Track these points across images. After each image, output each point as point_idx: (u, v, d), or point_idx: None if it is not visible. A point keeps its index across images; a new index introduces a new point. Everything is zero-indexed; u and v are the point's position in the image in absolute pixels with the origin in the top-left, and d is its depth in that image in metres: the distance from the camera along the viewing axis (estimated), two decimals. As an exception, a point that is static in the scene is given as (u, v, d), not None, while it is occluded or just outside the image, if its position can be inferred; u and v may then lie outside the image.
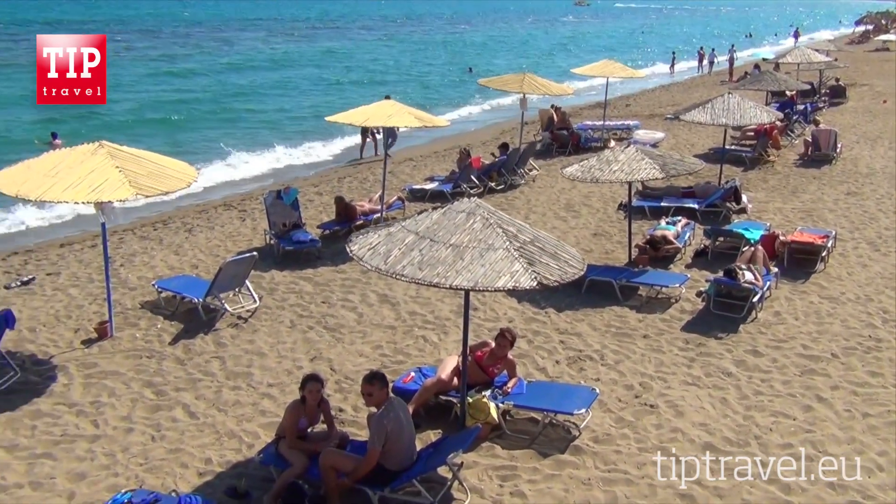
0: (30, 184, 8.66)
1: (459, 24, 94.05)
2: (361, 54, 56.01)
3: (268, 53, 52.51)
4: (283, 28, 74.07)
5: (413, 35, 75.76)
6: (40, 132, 22.93)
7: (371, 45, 63.68)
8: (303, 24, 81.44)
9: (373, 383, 6.68)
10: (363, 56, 54.87)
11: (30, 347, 9.80)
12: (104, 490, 6.96)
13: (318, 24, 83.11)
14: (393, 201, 15.81)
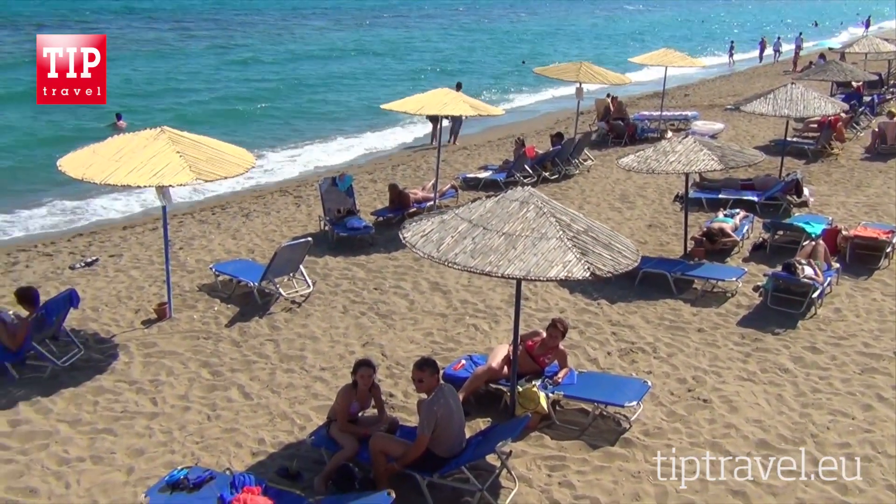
0: (95, 167, 8.90)
1: (520, 13, 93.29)
2: (420, 43, 55.98)
3: (330, 43, 52.81)
4: (345, 17, 74.31)
5: (472, 24, 75.41)
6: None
7: (430, 34, 63.60)
8: (367, 13, 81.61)
9: (423, 370, 6.73)
10: (422, 45, 54.82)
11: (93, 326, 10.11)
12: (161, 466, 7.15)
13: (380, 12, 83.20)
14: (446, 189, 15.83)
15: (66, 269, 12.44)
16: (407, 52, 50.39)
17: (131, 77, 34.83)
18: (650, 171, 11.66)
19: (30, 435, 7.65)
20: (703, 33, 72.11)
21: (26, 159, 20.49)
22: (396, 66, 43.67)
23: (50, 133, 22.60)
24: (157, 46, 46.14)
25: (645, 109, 26.76)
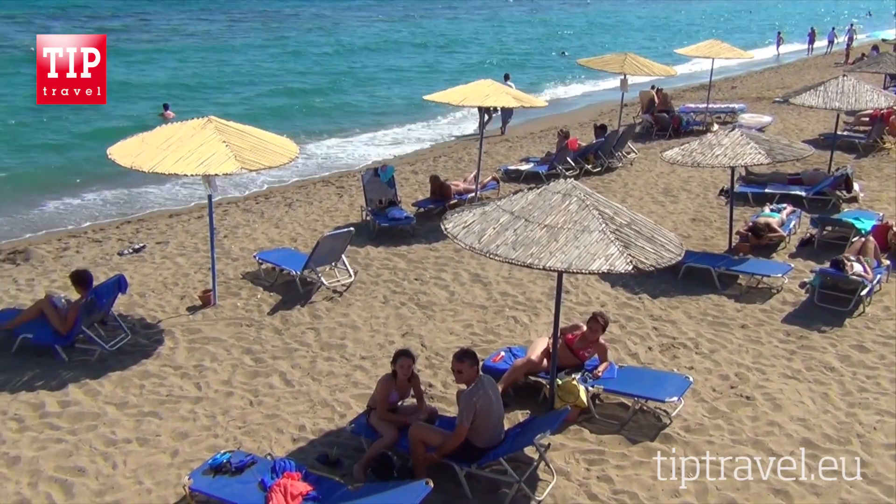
0: (143, 156, 9.08)
1: (574, 4, 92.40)
2: (468, 36, 55.82)
3: (377, 35, 52.93)
4: (395, 9, 74.26)
5: (522, 14, 74.92)
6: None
7: (478, 25, 63.41)
8: (417, 4, 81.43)
9: (463, 361, 6.74)
10: (469, 37, 54.65)
11: (140, 311, 10.33)
12: (205, 450, 7.29)
13: (431, 4, 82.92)
14: (487, 181, 15.81)
15: (114, 256, 12.72)
16: (453, 44, 50.27)
17: (180, 68, 35.38)
18: (695, 164, 11.50)
19: (79, 416, 7.86)
20: (751, 24, 70.72)
21: (76, 149, 20.93)
22: (442, 58, 43.63)
23: (98, 126, 23.01)
24: (206, 39, 46.71)
25: (690, 102, 26.40)
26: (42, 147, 21.14)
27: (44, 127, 22.37)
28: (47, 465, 7.03)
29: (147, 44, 42.44)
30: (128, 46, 40.32)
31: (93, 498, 6.64)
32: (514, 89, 16.73)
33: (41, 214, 15.98)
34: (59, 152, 20.78)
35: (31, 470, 6.98)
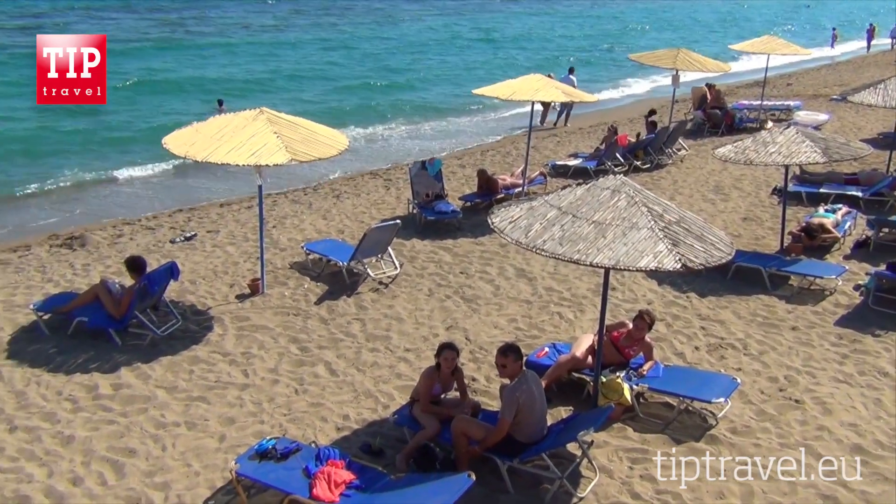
0: (197, 146, 9.25)
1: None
2: (519, 29, 55.50)
3: (430, 30, 52.96)
4: (448, 3, 73.97)
5: (580, 9, 74.23)
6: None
7: (529, 19, 63.03)
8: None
9: (507, 355, 6.74)
10: (520, 32, 54.33)
11: (190, 298, 10.54)
12: (251, 435, 7.42)
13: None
14: (535, 176, 15.75)
15: (166, 243, 13.00)
16: (506, 38, 50.04)
17: (233, 63, 35.87)
18: (748, 162, 11.29)
19: (130, 398, 8.06)
20: (809, 20, 69.00)
21: (132, 142, 21.39)
22: (493, 52, 43.48)
23: (158, 122, 23.47)
24: (259, 33, 47.20)
25: (744, 98, 25.87)
26: (102, 141, 21.67)
27: (104, 124, 22.84)
28: (100, 446, 7.24)
29: (202, 38, 43.09)
30: (185, 40, 41.01)
31: (143, 478, 6.81)
32: (576, 83, 16.68)
33: (97, 202, 16.41)
34: (116, 144, 21.28)
35: (84, 449, 7.18)
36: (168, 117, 23.34)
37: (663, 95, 27.61)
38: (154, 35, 41.95)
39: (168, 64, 33.28)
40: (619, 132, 18.49)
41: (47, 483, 6.71)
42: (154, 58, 34.70)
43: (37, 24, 42.66)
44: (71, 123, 22.41)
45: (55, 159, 19.23)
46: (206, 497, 6.58)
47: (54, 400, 8.00)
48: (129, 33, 41.65)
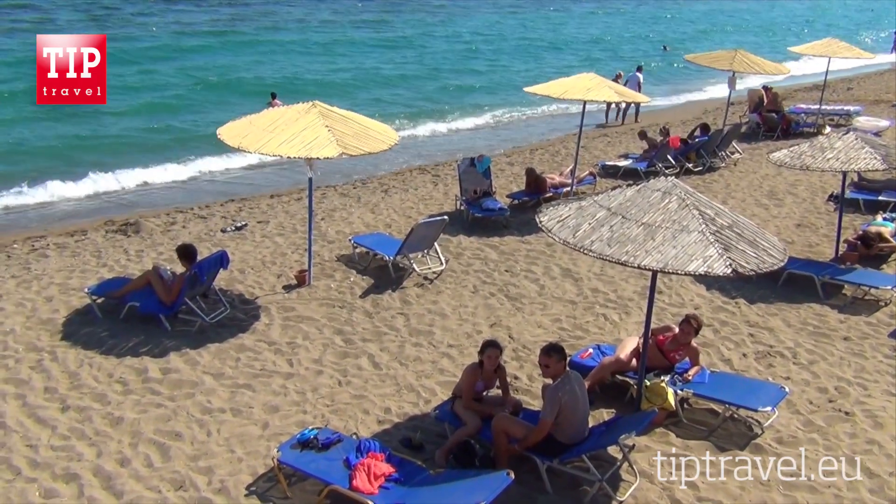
0: (250, 137, 9.40)
1: None
2: (570, 27, 55.11)
3: (480, 26, 52.88)
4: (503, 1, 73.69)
5: (627, 7, 73.35)
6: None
7: (580, 17, 62.52)
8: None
9: (551, 355, 6.71)
10: (571, 29, 53.96)
11: (239, 287, 10.71)
12: (294, 424, 7.52)
13: None
14: (584, 176, 15.63)
15: (217, 232, 13.23)
16: (557, 35, 49.70)
17: (291, 55, 36.29)
18: (804, 167, 11.03)
19: (178, 383, 8.23)
20: (870, 22, 67.02)
21: (185, 130, 21.82)
22: (544, 50, 43.22)
23: (217, 118, 23.86)
24: (315, 31, 47.63)
25: (802, 102, 25.31)
26: (162, 129, 22.17)
27: (163, 121, 23.32)
28: (147, 428, 7.41)
29: (253, 35, 43.65)
30: (240, 39, 41.58)
31: (187, 462, 6.95)
32: (642, 80, 16.44)
33: (152, 189, 16.78)
34: (172, 133, 21.74)
35: (132, 431, 7.36)
36: (225, 113, 23.72)
37: (718, 98, 27.18)
38: (217, 29, 42.58)
39: (229, 60, 33.68)
40: (672, 133, 18.23)
41: (96, 462, 6.89)
42: (217, 54, 35.29)
43: (94, 17, 43.75)
44: (132, 117, 23.01)
45: (116, 147, 19.74)
46: (248, 483, 6.68)
47: (105, 382, 8.21)
48: (200, 26, 42.43)
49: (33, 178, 16.53)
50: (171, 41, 36.83)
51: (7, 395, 7.86)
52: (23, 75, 25.04)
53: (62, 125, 21.34)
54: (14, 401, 7.79)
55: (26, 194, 15.82)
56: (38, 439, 7.18)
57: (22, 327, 9.31)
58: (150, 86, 27.48)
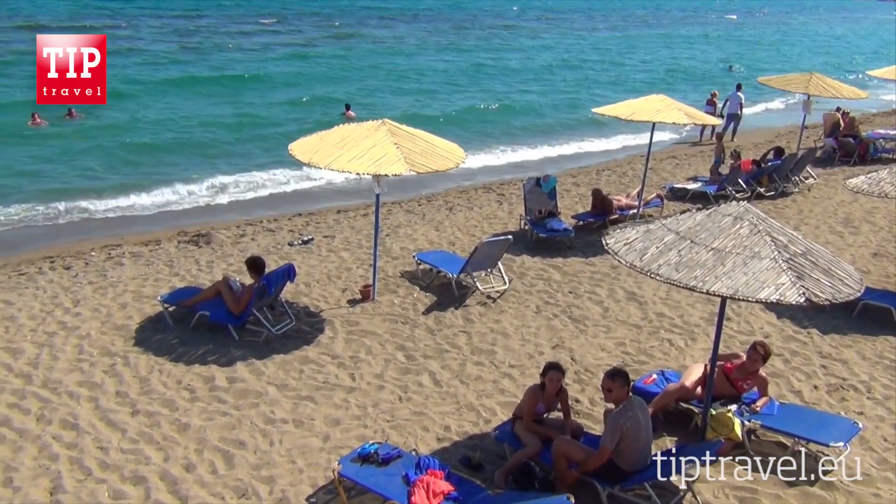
0: (321, 153, 9.57)
1: (733, 15, 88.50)
2: (637, 50, 54.75)
3: (547, 47, 53.03)
4: (564, 23, 73.73)
5: (694, 29, 72.54)
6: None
7: (644, 40, 62.04)
8: (586, 15, 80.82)
9: (614, 380, 6.62)
10: (636, 51, 53.58)
11: (304, 300, 10.88)
12: (354, 438, 7.58)
13: (596, 14, 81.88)
14: (651, 198, 15.43)
15: (285, 245, 13.48)
16: (624, 56, 49.42)
17: (366, 72, 36.93)
18: (882, 194, 10.67)
19: (243, 392, 8.40)
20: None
21: (255, 146, 22.36)
22: (614, 70, 42.99)
23: (287, 130, 24.40)
24: (390, 44, 48.39)
25: (881, 127, 24.50)
26: (233, 140, 22.81)
27: (237, 135, 23.94)
28: (213, 435, 7.57)
29: (325, 45, 44.56)
30: (315, 50, 42.53)
31: (250, 470, 7.07)
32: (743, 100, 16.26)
33: (224, 202, 17.21)
34: (241, 145, 22.30)
35: (198, 438, 7.53)
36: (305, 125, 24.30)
37: (790, 121, 26.57)
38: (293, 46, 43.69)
39: (325, 81, 34.35)
40: (743, 157, 17.86)
41: (163, 466, 7.08)
42: (298, 65, 36.25)
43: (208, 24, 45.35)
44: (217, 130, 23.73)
45: (194, 158, 20.42)
46: (308, 494, 6.77)
47: (174, 388, 8.43)
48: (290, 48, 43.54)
49: (115, 189, 17.22)
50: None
51: (81, 398, 8.15)
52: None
53: (141, 134, 22.19)
54: (87, 403, 8.07)
55: (107, 203, 16.41)
56: (108, 442, 7.42)
57: (97, 332, 9.65)
58: (232, 101, 28.32)
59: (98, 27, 43.20)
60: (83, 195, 16.77)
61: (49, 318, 10.00)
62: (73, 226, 15.24)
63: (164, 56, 36.86)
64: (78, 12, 53.78)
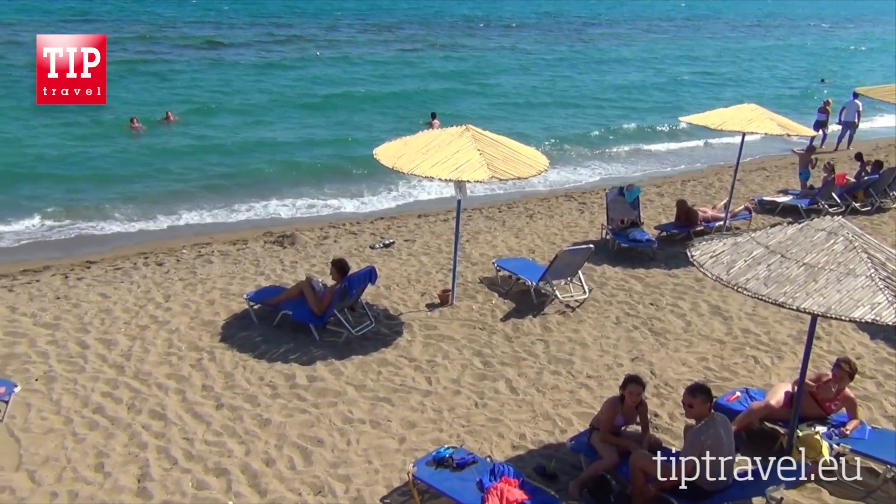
0: (405, 158, 9.69)
1: (824, 24, 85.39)
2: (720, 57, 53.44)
3: (644, 51, 52.36)
4: (637, 31, 72.62)
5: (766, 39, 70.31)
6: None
7: (724, 48, 60.45)
8: (657, 20, 79.44)
9: (696, 395, 6.46)
10: (717, 58, 52.28)
11: (384, 303, 11.02)
12: (429, 441, 7.64)
13: (668, 21, 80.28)
14: (739, 211, 15.02)
15: (366, 248, 13.69)
16: (715, 64, 48.28)
17: (448, 77, 37.22)
18: None
19: (323, 391, 8.56)
20: None
21: (345, 150, 22.77)
22: (703, 78, 42.04)
23: (373, 135, 24.76)
24: (458, 50, 48.60)
25: None
26: (327, 142, 23.32)
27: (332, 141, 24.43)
28: (292, 432, 7.75)
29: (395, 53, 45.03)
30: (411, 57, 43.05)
31: (327, 468, 7.20)
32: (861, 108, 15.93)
33: (308, 204, 17.59)
34: (333, 149, 22.77)
35: (278, 433, 7.72)
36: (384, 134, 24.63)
37: (890, 134, 25.45)
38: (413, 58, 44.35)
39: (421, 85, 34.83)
40: (837, 170, 17.19)
41: (244, 460, 7.28)
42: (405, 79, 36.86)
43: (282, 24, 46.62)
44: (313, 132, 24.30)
45: (283, 160, 20.98)
46: (382, 495, 6.85)
47: (257, 384, 8.67)
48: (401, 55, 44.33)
49: (204, 190, 17.87)
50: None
51: (169, 390, 8.46)
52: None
53: (226, 141, 22.92)
54: (175, 395, 8.37)
55: (203, 207, 17.00)
56: (193, 433, 7.68)
57: (186, 327, 10.00)
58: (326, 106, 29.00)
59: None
60: (175, 196, 17.42)
61: (142, 312, 10.43)
62: (165, 223, 15.83)
63: (255, 66, 37.94)
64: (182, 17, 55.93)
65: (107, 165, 19.63)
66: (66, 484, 6.86)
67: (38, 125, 22.53)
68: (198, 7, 64.11)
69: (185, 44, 42.23)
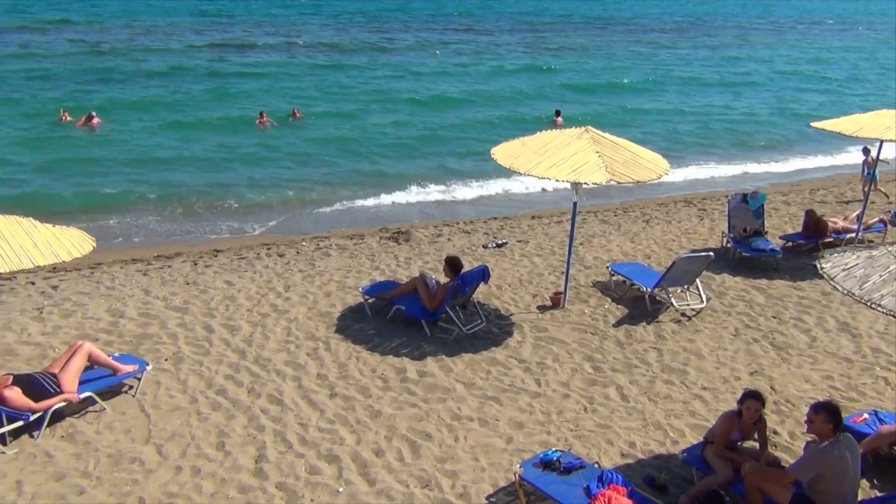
0: (522, 159, 9.68)
1: None
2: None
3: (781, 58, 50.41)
4: (709, 36, 69.51)
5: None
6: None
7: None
8: (716, 25, 75.79)
9: (818, 412, 6.15)
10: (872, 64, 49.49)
11: (495, 302, 11.05)
12: (537, 443, 7.60)
13: (718, 25, 76.37)
14: (874, 223, 14.17)
15: (479, 248, 13.76)
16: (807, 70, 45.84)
17: (573, 78, 36.97)
18: None
19: (432, 387, 8.67)
20: None
21: (464, 152, 22.98)
22: (817, 85, 39.98)
23: (492, 137, 24.84)
24: (596, 51, 48.07)
25: None
26: (436, 140, 23.65)
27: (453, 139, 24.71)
28: (401, 425, 7.89)
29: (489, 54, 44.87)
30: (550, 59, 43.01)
31: (434, 463, 7.29)
32: None
33: (424, 204, 17.87)
34: (442, 152, 23.04)
35: (388, 425, 7.88)
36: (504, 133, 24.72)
37: None
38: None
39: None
40: None
41: (355, 448, 7.47)
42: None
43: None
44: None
45: (403, 162, 21.45)
46: (488, 493, 6.87)
47: (369, 376, 8.87)
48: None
49: (324, 184, 18.45)
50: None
51: (286, 377, 8.78)
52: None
53: (358, 134, 23.55)
54: (291, 382, 8.69)
55: (330, 204, 17.60)
56: (308, 419, 7.94)
57: (304, 317, 10.36)
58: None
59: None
60: (297, 189, 18.08)
61: (263, 301, 10.87)
62: (284, 215, 16.45)
63: (369, 65, 38.83)
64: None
65: (234, 157, 20.66)
66: (189, 459, 7.24)
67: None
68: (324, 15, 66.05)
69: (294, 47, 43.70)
